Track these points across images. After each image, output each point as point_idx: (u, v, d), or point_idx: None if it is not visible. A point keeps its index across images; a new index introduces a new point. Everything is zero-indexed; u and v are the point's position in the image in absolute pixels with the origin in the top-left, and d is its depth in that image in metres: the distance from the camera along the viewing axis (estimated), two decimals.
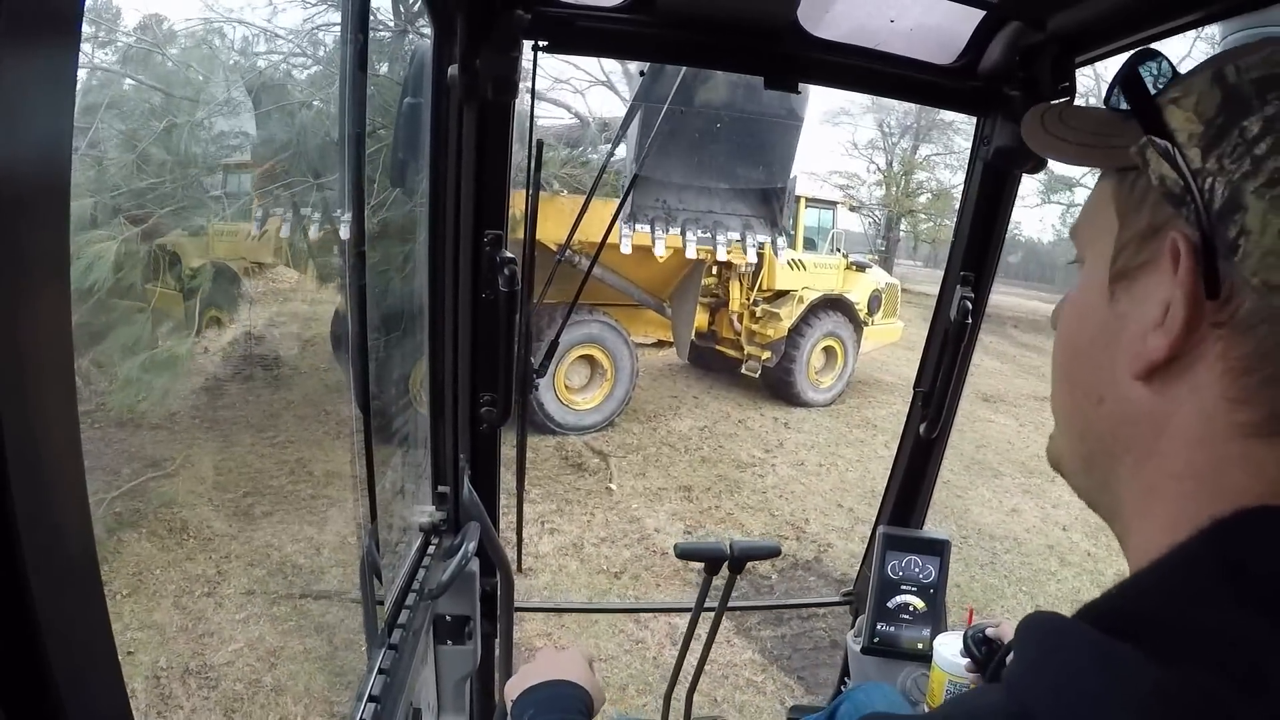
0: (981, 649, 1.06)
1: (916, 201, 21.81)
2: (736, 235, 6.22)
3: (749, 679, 3.44)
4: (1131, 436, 0.37)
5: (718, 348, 8.19)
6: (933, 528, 1.52)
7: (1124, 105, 0.39)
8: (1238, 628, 0.29)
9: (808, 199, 8.32)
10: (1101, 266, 0.39)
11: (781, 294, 7.63)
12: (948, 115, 18.01)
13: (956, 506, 5.72)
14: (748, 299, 7.69)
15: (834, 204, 8.93)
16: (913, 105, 15.08)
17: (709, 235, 6.07)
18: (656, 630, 3.72)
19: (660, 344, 8.12)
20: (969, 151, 1.32)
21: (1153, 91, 0.37)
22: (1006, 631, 1.06)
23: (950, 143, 21.15)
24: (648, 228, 5.80)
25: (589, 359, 6.50)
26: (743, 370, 7.93)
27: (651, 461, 6.21)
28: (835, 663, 3.58)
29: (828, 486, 6.06)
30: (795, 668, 3.58)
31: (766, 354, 7.56)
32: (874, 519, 1.54)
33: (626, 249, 5.77)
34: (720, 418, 7.49)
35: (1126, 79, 0.38)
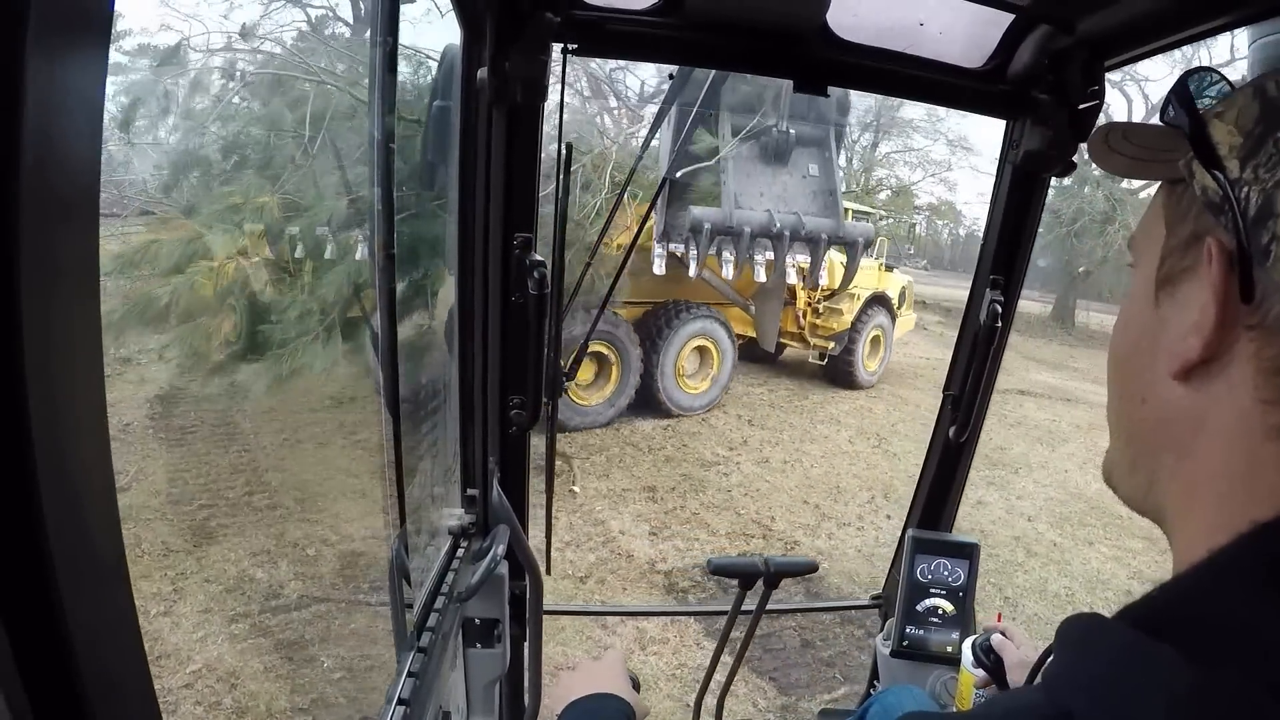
0: (990, 657, 1.06)
1: (876, 198, 21.72)
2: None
3: (718, 681, 3.41)
4: (1172, 436, 0.38)
5: (781, 340, 9.06)
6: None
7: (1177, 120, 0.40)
8: (1276, 631, 0.29)
9: (854, 211, 9.68)
10: (1149, 273, 0.40)
11: (838, 293, 8.63)
12: (905, 113, 17.93)
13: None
14: (811, 298, 8.70)
15: (869, 214, 10.69)
16: (872, 102, 15.32)
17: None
18: (624, 635, 3.66)
19: (739, 337, 8.68)
20: (925, 150, 1.33)
21: (1208, 105, 0.38)
22: (1009, 644, 1.05)
23: (909, 140, 21.14)
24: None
25: (700, 349, 7.49)
26: (809, 359, 9.15)
27: (615, 462, 6.14)
28: (807, 663, 3.57)
29: (793, 484, 6.03)
30: (767, 670, 3.54)
31: (831, 344, 8.67)
32: (835, 516, 1.53)
33: (762, 277, 6.29)
34: (683, 416, 7.48)
35: (1176, 94, 0.39)
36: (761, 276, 6.32)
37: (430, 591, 1.14)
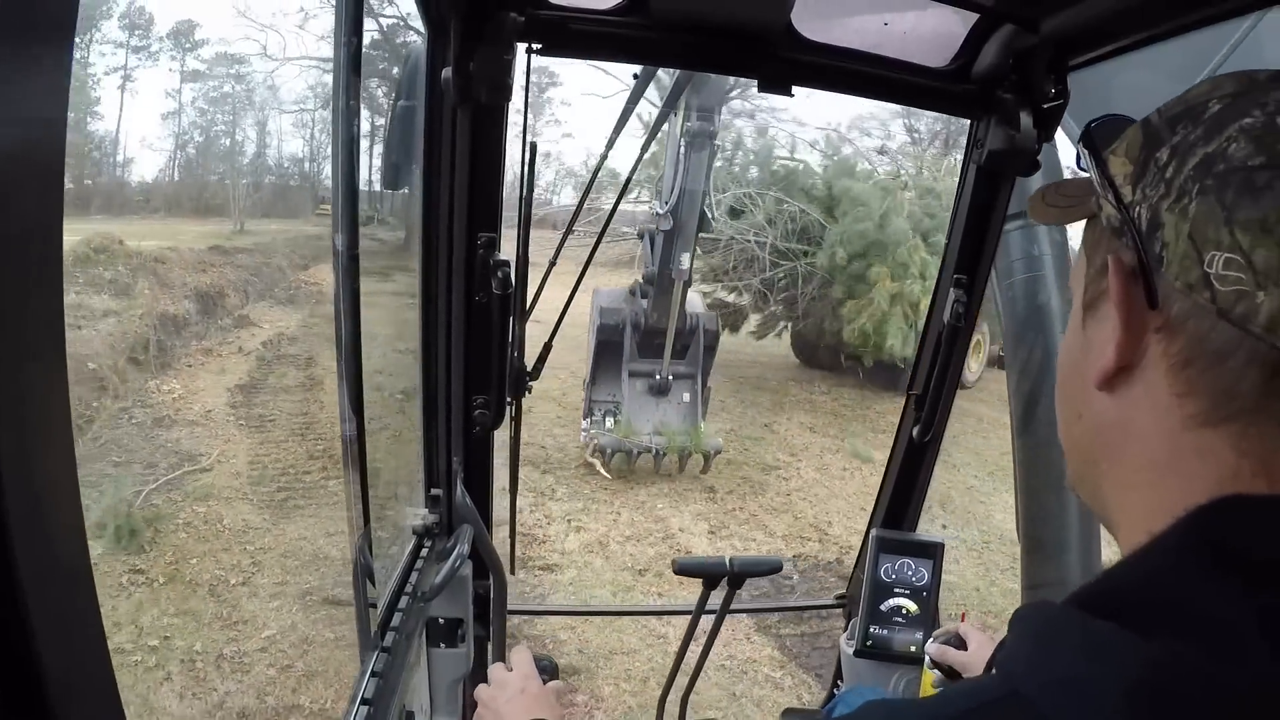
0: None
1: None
2: None
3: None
4: (1106, 443, 0.41)
5: None
6: (926, 530, 1.52)
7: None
8: (1216, 603, 0.31)
9: None
10: (1078, 304, 0.44)
11: None
12: None
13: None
14: None
15: None
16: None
17: None
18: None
19: None
20: None
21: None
22: (949, 651, 1.05)
23: None
24: None
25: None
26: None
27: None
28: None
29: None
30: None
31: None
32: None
33: None
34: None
35: (1082, 143, 0.43)
36: None
37: (394, 591, 1.14)
